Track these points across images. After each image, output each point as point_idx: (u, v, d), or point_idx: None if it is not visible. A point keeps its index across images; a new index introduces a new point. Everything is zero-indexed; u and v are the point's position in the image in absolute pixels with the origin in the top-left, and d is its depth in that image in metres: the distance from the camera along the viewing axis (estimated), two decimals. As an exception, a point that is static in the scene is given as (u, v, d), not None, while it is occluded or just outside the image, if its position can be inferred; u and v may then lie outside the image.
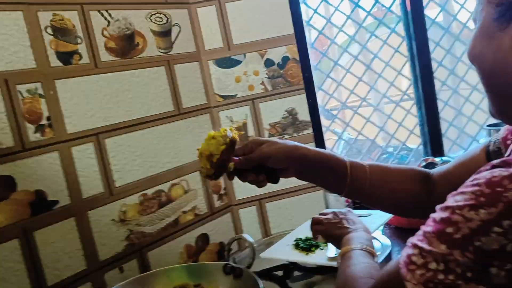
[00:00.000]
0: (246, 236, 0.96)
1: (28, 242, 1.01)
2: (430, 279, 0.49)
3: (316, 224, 0.98)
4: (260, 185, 0.86)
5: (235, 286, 0.92)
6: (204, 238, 1.41)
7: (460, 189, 0.51)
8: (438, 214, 0.52)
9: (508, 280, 0.46)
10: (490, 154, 0.81)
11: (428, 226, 0.52)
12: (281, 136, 1.50)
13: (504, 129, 0.82)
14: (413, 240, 0.53)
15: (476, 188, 0.49)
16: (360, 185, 0.87)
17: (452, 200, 0.51)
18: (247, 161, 0.84)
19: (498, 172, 0.48)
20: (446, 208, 0.51)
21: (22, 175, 1.02)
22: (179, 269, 0.98)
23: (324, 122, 1.68)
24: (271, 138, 0.89)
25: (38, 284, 1.02)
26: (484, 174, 0.49)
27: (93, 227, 1.14)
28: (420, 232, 0.53)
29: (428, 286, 0.49)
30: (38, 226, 1.04)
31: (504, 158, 0.51)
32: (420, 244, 0.51)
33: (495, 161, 0.51)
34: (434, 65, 1.70)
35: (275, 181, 0.87)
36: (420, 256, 0.51)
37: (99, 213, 1.16)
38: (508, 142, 0.79)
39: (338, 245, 0.89)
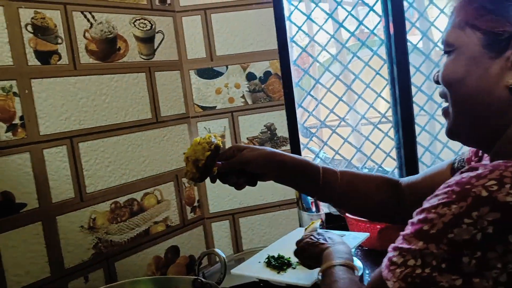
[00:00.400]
0: (218, 251, 0.94)
1: (-11, 245, 0.97)
2: (408, 274, 0.52)
3: (300, 252, 0.98)
4: (239, 188, 0.92)
5: (204, 302, 0.90)
6: (174, 251, 1.38)
7: (434, 193, 0.56)
8: (415, 217, 0.56)
9: (478, 268, 0.49)
10: (455, 170, 0.86)
11: (406, 230, 0.56)
12: (259, 150, 1.49)
13: (469, 150, 0.87)
14: (393, 244, 0.57)
15: (447, 189, 0.53)
16: (332, 188, 0.93)
17: (427, 203, 0.55)
18: (229, 166, 0.90)
19: (466, 174, 0.53)
20: (422, 210, 0.55)
21: (-11, 175, 0.98)
22: (146, 281, 0.95)
23: (301, 139, 1.68)
24: (251, 145, 0.95)
25: (-3, 290, 0.98)
26: (454, 178, 0.55)
27: (61, 233, 1.10)
28: (399, 237, 0.57)
29: (406, 281, 0.52)
30: (2, 229, 0.99)
31: (470, 165, 0.56)
32: (399, 245, 0.55)
33: (463, 169, 0.56)
34: (413, 90, 1.72)
35: (254, 184, 0.94)
36: (400, 255, 0.54)
37: (68, 219, 1.12)
38: (472, 163, 0.83)
39: (318, 262, 0.88)
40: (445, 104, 0.71)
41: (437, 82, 0.71)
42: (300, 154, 1.61)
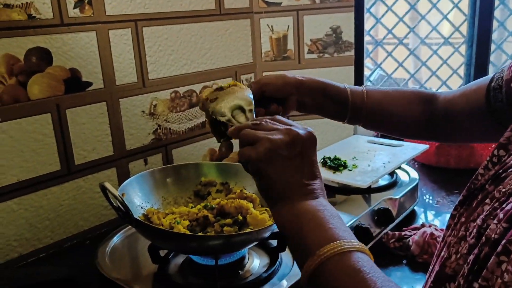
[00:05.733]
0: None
1: (59, 118, 1.01)
2: None
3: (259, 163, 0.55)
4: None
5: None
6: (228, 146, 1.40)
7: None
8: None
9: None
10: (490, 90, 0.76)
11: None
12: (321, 54, 1.44)
13: (508, 68, 0.74)
14: None
15: None
16: (359, 109, 0.85)
17: None
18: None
19: None
20: None
21: (59, 50, 0.99)
22: (209, 165, 0.97)
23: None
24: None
25: (66, 161, 1.03)
26: None
27: (123, 115, 1.13)
28: None
29: None
30: (70, 105, 1.03)
31: None
32: None
33: None
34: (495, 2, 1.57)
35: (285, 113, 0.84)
36: None
37: (130, 103, 1.14)
38: None
39: (276, 205, 0.55)
40: None
41: None
42: (362, 61, 1.54)
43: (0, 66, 0.91)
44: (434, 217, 1.15)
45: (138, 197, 0.86)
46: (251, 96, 0.71)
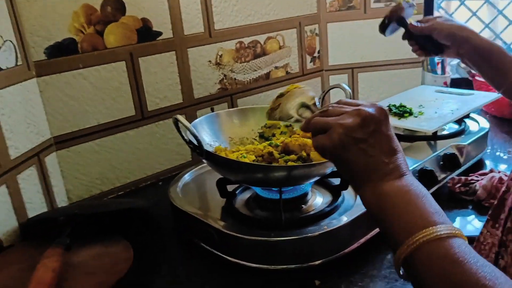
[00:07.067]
0: (344, 85, 0.94)
1: (133, 66, 1.07)
2: None
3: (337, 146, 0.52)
4: (426, 53, 0.96)
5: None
6: (292, 97, 1.41)
7: None
8: None
9: None
10: None
11: None
12: (388, 3, 1.40)
13: None
14: None
15: None
16: None
17: None
18: (419, 29, 0.92)
19: None
20: None
21: (131, 0, 1.04)
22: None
23: None
24: (450, 18, 0.91)
25: (140, 107, 1.10)
26: None
27: (191, 65, 1.18)
28: None
29: None
30: (143, 54, 1.08)
31: None
32: None
33: None
34: None
35: (438, 53, 0.93)
36: None
37: (198, 53, 1.18)
38: None
39: (360, 189, 0.52)
40: None
41: None
42: (432, 11, 1.48)
43: (80, 15, 0.98)
44: (504, 167, 1.11)
45: (208, 135, 0.91)
46: (312, 93, 0.73)
